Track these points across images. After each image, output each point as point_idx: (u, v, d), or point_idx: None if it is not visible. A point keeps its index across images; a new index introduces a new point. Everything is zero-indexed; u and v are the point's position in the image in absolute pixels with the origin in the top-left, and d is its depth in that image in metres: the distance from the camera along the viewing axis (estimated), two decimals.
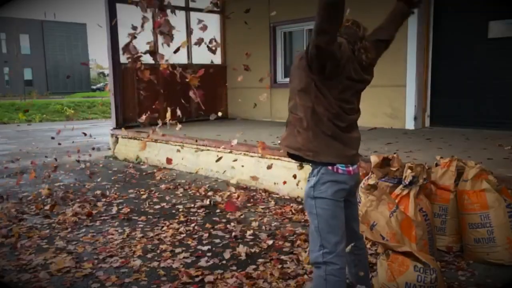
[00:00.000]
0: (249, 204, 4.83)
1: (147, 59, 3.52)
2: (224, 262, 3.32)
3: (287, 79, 8.82)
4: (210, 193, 5.32)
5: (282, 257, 3.35)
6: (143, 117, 3.86)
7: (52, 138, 6.13)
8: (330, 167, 2.10)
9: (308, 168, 2.27)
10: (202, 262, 3.31)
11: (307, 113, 2.08)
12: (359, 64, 2.11)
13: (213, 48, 3.40)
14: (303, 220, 4.21)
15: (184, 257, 3.42)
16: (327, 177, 2.10)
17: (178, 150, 5.43)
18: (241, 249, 3.47)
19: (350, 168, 2.14)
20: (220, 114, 4.40)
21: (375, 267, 2.90)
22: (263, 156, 5.29)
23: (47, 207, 4.74)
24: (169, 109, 3.61)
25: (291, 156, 2.23)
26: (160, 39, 3.02)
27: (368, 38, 2.18)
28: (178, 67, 3.25)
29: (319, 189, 2.10)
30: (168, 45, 2.98)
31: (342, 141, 2.11)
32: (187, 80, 3.10)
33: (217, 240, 3.78)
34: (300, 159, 2.20)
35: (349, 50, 2.07)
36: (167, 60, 3.28)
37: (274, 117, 8.82)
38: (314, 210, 2.12)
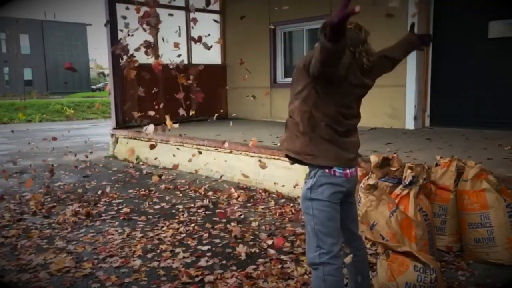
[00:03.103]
0: (249, 204, 4.83)
1: (143, 58, 3.47)
2: (224, 262, 3.32)
3: (287, 79, 8.85)
4: (210, 193, 5.33)
5: (282, 257, 3.35)
6: (137, 114, 3.85)
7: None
8: (327, 170, 2.12)
9: (305, 169, 2.28)
10: (202, 262, 3.31)
11: (304, 118, 2.09)
12: (360, 68, 2.11)
13: (209, 45, 3.37)
14: (303, 220, 4.21)
15: (184, 257, 3.42)
16: (323, 180, 2.12)
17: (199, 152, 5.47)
18: (241, 249, 3.47)
19: (348, 171, 2.15)
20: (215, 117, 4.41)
21: (375, 267, 2.90)
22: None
23: (47, 207, 4.74)
24: (167, 118, 3.58)
25: (290, 158, 2.24)
26: (147, 31, 2.99)
27: (376, 53, 2.20)
28: (172, 64, 3.22)
29: (315, 191, 2.12)
30: (154, 39, 2.95)
31: (339, 145, 2.12)
32: (178, 80, 3.07)
33: (217, 240, 3.78)
34: (299, 162, 2.20)
35: (350, 54, 2.06)
36: (161, 55, 3.23)
37: (274, 117, 8.82)
38: (310, 211, 2.14)
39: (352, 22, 2.13)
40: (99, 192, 5.44)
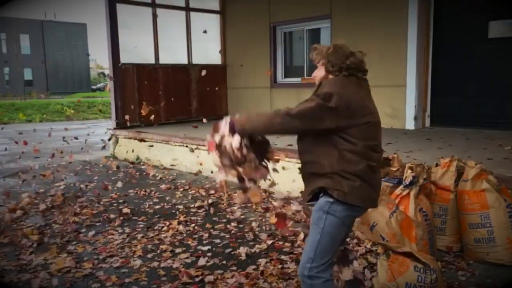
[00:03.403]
0: (249, 204, 4.83)
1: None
2: (224, 262, 3.32)
3: (287, 79, 8.86)
4: (210, 193, 5.32)
5: (282, 257, 3.35)
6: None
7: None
8: None
9: None
10: (202, 262, 3.31)
11: (333, 159, 2.03)
12: (360, 84, 2.13)
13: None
14: (303, 220, 4.20)
15: (184, 257, 3.42)
16: None
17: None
18: (241, 249, 3.47)
19: None
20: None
21: (375, 267, 2.91)
22: None
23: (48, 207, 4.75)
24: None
25: (315, 195, 2.14)
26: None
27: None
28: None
29: (335, 207, 2.05)
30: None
31: (370, 183, 2.08)
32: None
33: (217, 240, 3.78)
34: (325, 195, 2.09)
35: (347, 85, 2.07)
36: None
37: None
38: (321, 224, 2.08)
39: (328, 46, 2.15)
40: (99, 192, 5.43)
